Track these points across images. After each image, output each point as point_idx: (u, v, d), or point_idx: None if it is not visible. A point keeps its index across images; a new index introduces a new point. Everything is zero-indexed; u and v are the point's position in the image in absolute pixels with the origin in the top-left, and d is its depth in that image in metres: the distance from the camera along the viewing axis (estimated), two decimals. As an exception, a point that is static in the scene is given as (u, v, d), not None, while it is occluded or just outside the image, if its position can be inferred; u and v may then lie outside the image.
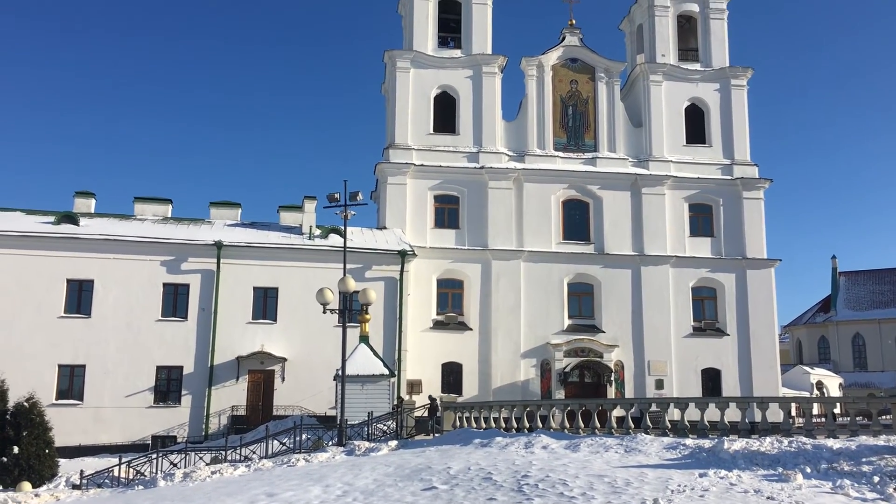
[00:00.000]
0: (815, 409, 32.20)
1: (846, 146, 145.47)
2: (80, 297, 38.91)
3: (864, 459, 15.14)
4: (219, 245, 40.19)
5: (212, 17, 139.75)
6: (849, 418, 22.52)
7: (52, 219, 40.68)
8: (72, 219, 40.74)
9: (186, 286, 39.98)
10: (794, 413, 34.04)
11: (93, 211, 43.02)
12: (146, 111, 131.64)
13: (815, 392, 59.44)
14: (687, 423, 22.89)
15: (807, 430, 20.92)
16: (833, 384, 63.83)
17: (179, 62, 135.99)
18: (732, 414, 22.66)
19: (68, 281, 38.85)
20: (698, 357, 46.33)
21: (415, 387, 40.72)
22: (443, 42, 49.88)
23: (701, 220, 48.75)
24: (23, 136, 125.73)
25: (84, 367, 38.12)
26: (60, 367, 37.93)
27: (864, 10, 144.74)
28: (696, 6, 52.00)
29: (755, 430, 21.89)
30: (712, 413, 22.87)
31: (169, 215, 44.16)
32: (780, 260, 48.50)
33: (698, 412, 23.00)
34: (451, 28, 50.20)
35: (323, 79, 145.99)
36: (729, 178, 48.91)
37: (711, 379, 46.22)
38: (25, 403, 25.89)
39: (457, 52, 49.23)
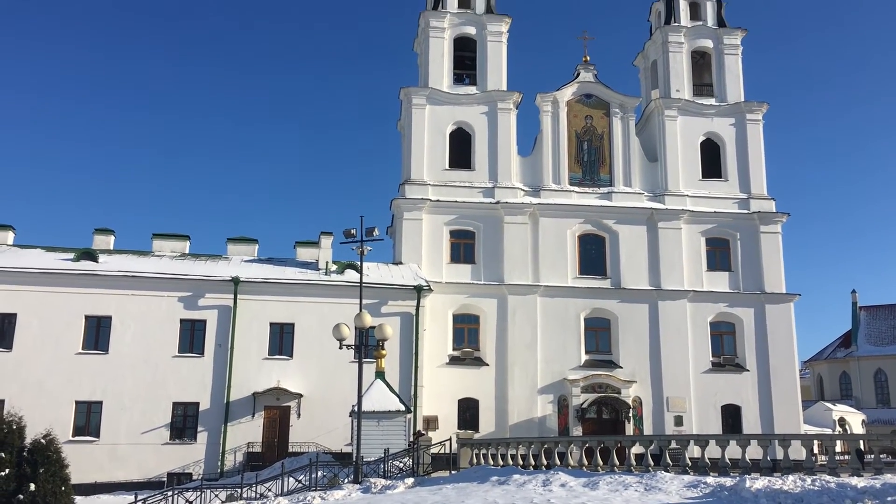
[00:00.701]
0: (839, 447, 31.60)
1: (864, 178, 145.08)
2: (97, 334, 39.11)
3: (889, 498, 14.89)
4: (236, 281, 40.36)
5: (226, 53, 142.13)
6: (873, 456, 22.11)
7: (71, 255, 41.11)
8: (91, 255, 41.14)
9: (203, 322, 40.09)
10: (816, 450, 33.45)
11: (112, 247, 43.36)
12: (164, 148, 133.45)
13: (838, 429, 58.45)
14: (708, 461, 22.59)
15: (830, 468, 20.56)
16: (856, 421, 62.72)
17: (195, 98, 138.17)
18: (754, 451, 22.36)
19: (87, 317, 39.08)
20: (717, 393, 45.78)
21: (431, 423, 40.44)
22: (458, 79, 50.38)
23: (718, 255, 48.50)
24: (43, 173, 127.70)
25: (101, 403, 38.17)
26: (77, 403, 38.00)
27: (879, 42, 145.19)
28: (709, 42, 52.34)
29: (777, 468, 21.56)
30: (733, 450, 22.55)
31: (187, 251, 44.49)
32: (800, 294, 48.13)
33: (719, 449, 22.71)
34: (466, 65, 50.75)
35: (339, 115, 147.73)
36: (746, 212, 48.74)
37: (731, 415, 45.63)
38: (42, 440, 25.88)
39: (472, 89, 49.66)
